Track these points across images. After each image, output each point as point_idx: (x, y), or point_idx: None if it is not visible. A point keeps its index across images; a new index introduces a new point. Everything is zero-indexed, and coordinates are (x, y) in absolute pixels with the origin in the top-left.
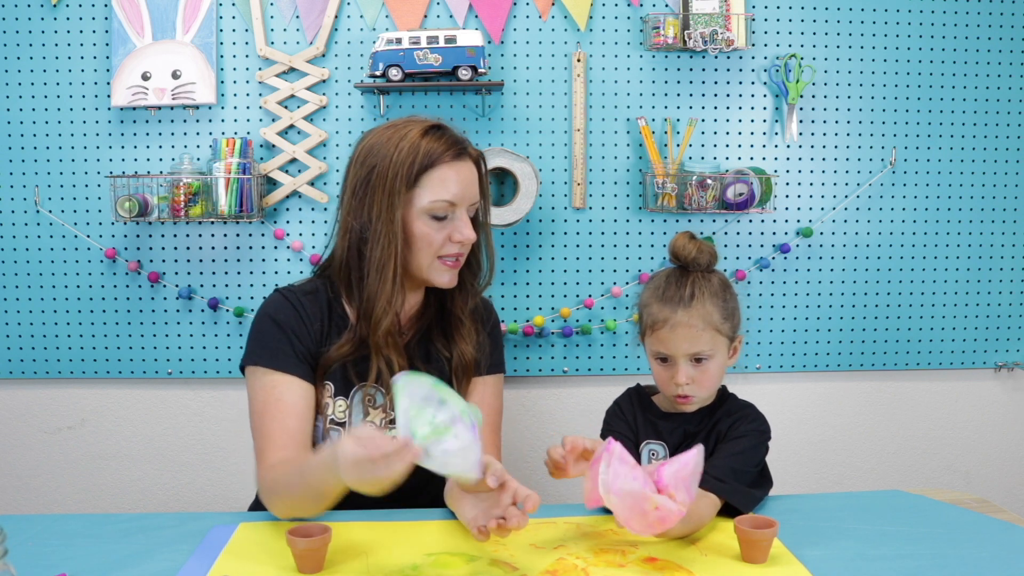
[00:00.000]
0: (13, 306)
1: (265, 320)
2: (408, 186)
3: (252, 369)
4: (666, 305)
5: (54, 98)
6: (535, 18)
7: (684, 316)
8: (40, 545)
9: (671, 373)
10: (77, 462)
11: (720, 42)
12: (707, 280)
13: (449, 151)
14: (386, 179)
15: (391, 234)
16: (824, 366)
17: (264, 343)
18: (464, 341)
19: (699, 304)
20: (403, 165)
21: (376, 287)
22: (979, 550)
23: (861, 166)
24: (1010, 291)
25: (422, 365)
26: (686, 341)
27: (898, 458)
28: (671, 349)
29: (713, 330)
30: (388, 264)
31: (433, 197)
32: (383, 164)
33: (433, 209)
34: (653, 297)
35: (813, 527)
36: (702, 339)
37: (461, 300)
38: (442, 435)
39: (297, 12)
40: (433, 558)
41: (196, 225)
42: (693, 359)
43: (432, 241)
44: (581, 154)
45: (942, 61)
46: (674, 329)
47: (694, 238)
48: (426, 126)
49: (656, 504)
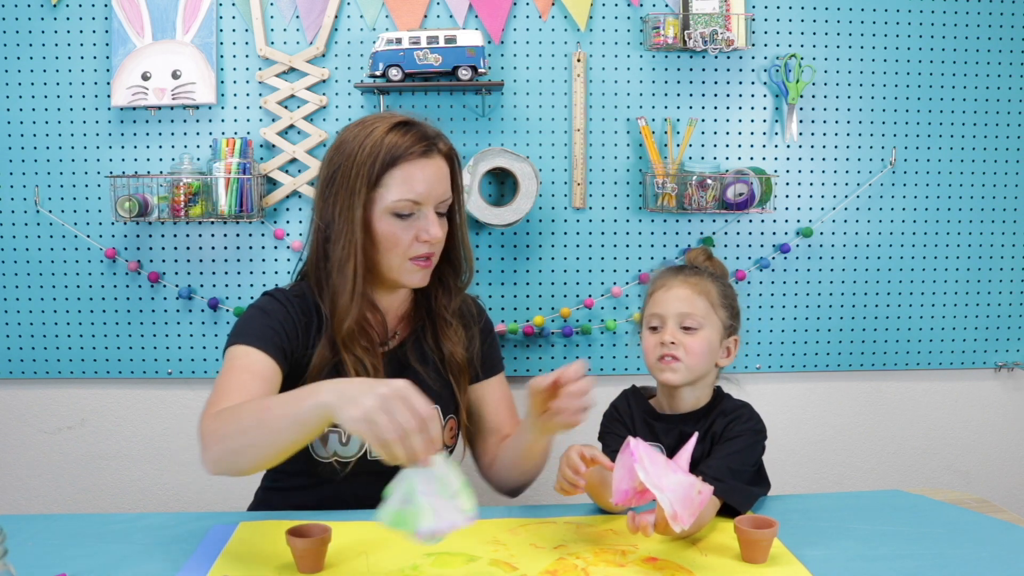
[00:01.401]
0: (13, 306)
1: (253, 311)
2: (370, 185)
3: (232, 348)
4: (667, 275)
5: (54, 98)
6: (535, 18)
7: (681, 280)
8: (40, 545)
9: (659, 337)
10: (77, 462)
11: (720, 42)
12: (708, 271)
13: (415, 147)
14: (348, 178)
15: (351, 233)
16: (824, 366)
17: (248, 328)
18: (451, 342)
19: (695, 276)
20: (364, 164)
21: (338, 286)
22: (979, 550)
23: (861, 166)
24: (1010, 291)
25: (418, 366)
26: (679, 300)
27: (898, 458)
28: (662, 308)
29: (708, 303)
30: (348, 263)
31: (396, 196)
32: (347, 163)
33: (397, 208)
34: (657, 274)
35: (813, 527)
36: (695, 304)
37: (445, 300)
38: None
39: (297, 12)
40: (433, 558)
41: (196, 225)
42: (683, 326)
43: (398, 241)
44: (581, 154)
45: (942, 61)
46: (669, 290)
47: (710, 254)
48: (393, 122)
49: (699, 489)
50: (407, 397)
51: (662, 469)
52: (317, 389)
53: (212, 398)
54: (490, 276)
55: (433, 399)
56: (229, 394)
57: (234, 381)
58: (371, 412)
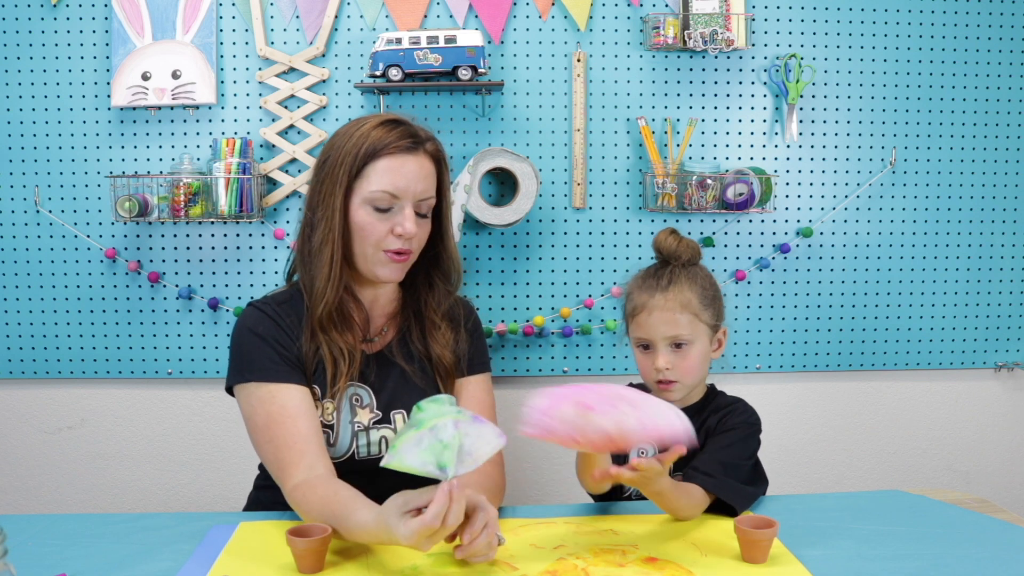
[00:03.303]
0: (13, 306)
1: (245, 335)
2: (352, 175)
3: (243, 387)
4: (644, 291)
5: (54, 98)
6: (535, 18)
7: (661, 300)
8: (40, 545)
9: (652, 359)
10: (77, 462)
11: (720, 42)
12: (686, 271)
13: (400, 142)
14: (334, 168)
15: (331, 219)
16: (824, 366)
17: (249, 359)
18: (439, 344)
19: (676, 289)
20: (349, 154)
21: (316, 270)
22: (979, 550)
23: (861, 166)
24: (1010, 291)
25: (406, 365)
26: (664, 324)
27: (898, 458)
28: (650, 333)
29: (692, 315)
30: (326, 247)
31: (374, 187)
32: (334, 155)
33: (374, 199)
34: (634, 286)
35: (813, 527)
36: (680, 323)
37: (433, 302)
38: (458, 447)
39: (297, 12)
40: (433, 558)
41: (196, 225)
42: (673, 344)
43: (373, 231)
44: (581, 154)
45: (942, 61)
46: (652, 313)
47: (676, 234)
48: (384, 119)
49: None
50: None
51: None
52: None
53: (273, 458)
54: (490, 276)
55: (419, 396)
56: (290, 447)
57: (287, 434)
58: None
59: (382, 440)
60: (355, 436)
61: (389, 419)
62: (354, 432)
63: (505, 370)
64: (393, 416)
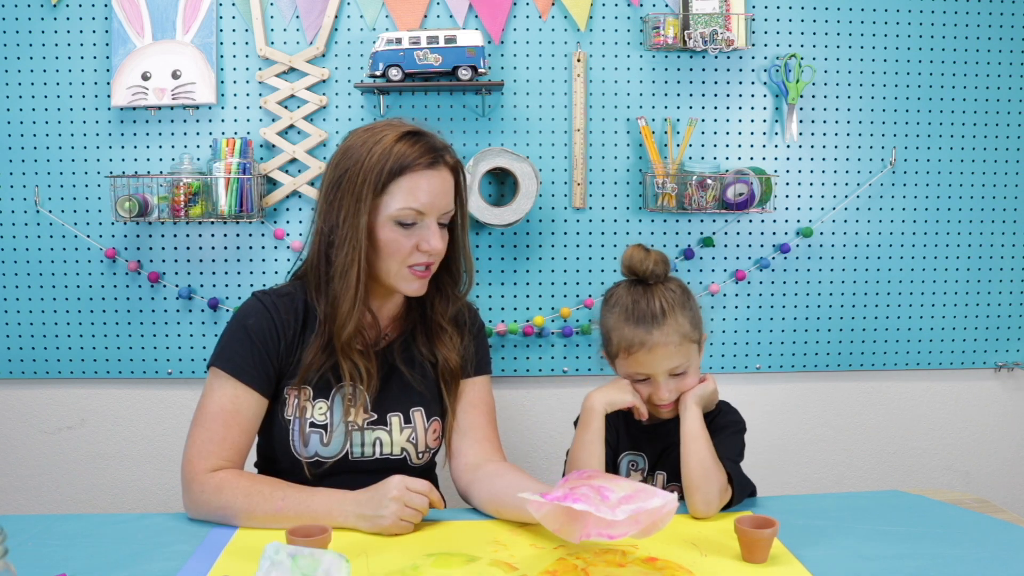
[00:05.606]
0: (13, 306)
1: (238, 326)
2: (376, 192)
3: (216, 370)
4: (639, 326)
5: (54, 98)
6: (535, 18)
7: (660, 336)
8: (40, 545)
9: (652, 390)
10: (77, 462)
11: (720, 42)
12: (670, 291)
13: (423, 159)
14: (355, 184)
15: (355, 239)
16: (824, 366)
17: (233, 349)
18: (446, 348)
19: (671, 319)
20: (372, 171)
21: (340, 292)
22: (979, 550)
23: (861, 166)
24: (1010, 291)
25: (405, 369)
26: (666, 359)
27: (898, 458)
28: (651, 369)
29: (688, 342)
30: (351, 269)
31: (401, 205)
32: (354, 168)
33: (400, 216)
34: (621, 319)
35: (813, 527)
36: (680, 354)
37: (442, 307)
38: None
39: (297, 12)
40: (433, 558)
41: (196, 225)
42: (672, 373)
43: (399, 248)
44: (581, 154)
45: (942, 61)
46: (652, 351)
47: (643, 247)
48: (403, 131)
49: None
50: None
51: None
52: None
53: (199, 441)
54: (490, 276)
55: (416, 400)
56: (217, 444)
57: (226, 434)
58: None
59: (376, 441)
60: (348, 436)
61: (384, 420)
62: (347, 432)
63: (505, 370)
64: (389, 418)
